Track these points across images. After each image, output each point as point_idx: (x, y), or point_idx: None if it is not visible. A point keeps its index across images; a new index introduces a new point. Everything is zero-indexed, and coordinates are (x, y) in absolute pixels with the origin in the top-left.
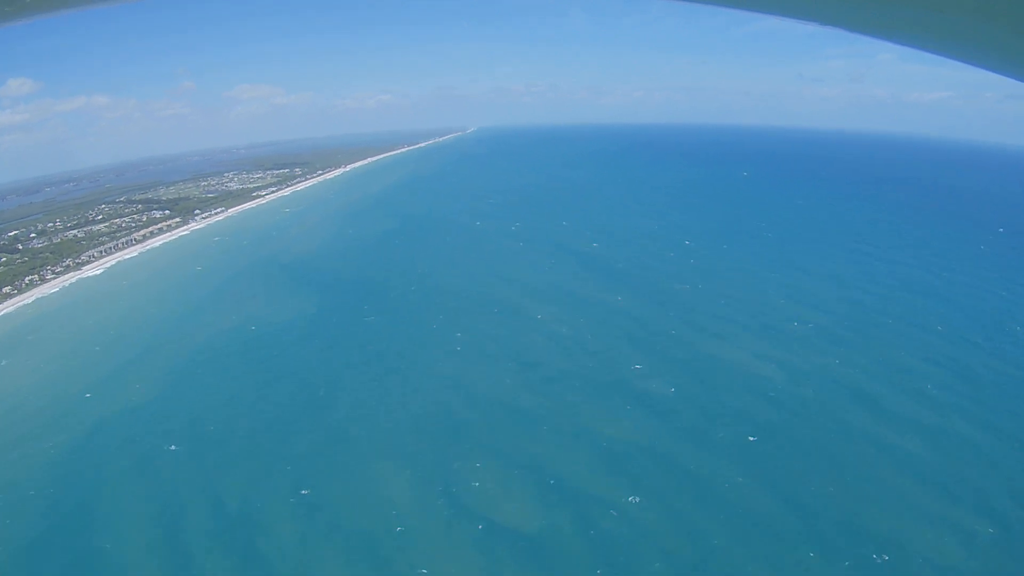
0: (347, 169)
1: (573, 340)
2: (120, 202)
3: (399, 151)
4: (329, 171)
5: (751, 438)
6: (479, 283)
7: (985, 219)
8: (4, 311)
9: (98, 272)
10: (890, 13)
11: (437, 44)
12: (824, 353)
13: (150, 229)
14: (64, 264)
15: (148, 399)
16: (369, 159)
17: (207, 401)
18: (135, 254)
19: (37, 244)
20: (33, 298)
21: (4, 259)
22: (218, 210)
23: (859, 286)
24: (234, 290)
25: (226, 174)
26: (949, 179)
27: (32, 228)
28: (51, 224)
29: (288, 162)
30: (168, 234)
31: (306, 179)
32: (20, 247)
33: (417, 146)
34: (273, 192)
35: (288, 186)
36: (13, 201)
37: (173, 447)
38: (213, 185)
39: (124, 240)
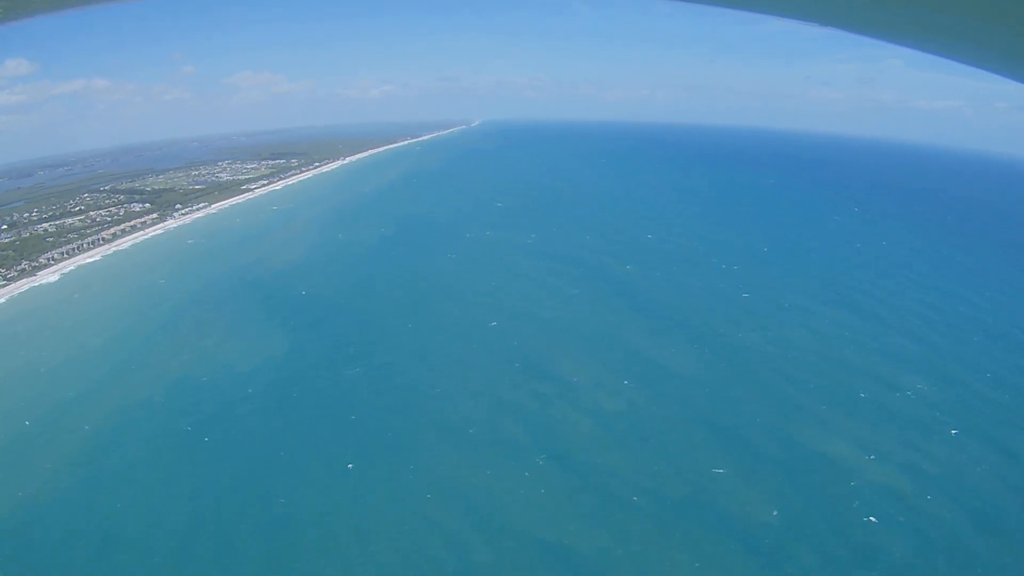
0: (345, 162)
1: (624, 420)
2: (104, 191)
3: (401, 143)
4: (326, 163)
5: None
6: (494, 320)
7: None
8: None
9: (53, 279)
10: (891, 14)
11: (440, 34)
12: (942, 442)
13: (122, 227)
14: (20, 267)
15: (53, 492)
16: (369, 151)
17: (124, 500)
18: (98, 258)
19: (3, 239)
20: None
21: None
22: (200, 205)
23: (943, 337)
24: (194, 315)
25: (219, 163)
26: (978, 193)
27: (6, 218)
28: (27, 214)
29: (285, 152)
30: (141, 233)
31: (301, 172)
32: None
33: (420, 139)
34: (264, 186)
35: (281, 179)
36: (2, 185)
37: None
38: (203, 175)
39: (92, 239)
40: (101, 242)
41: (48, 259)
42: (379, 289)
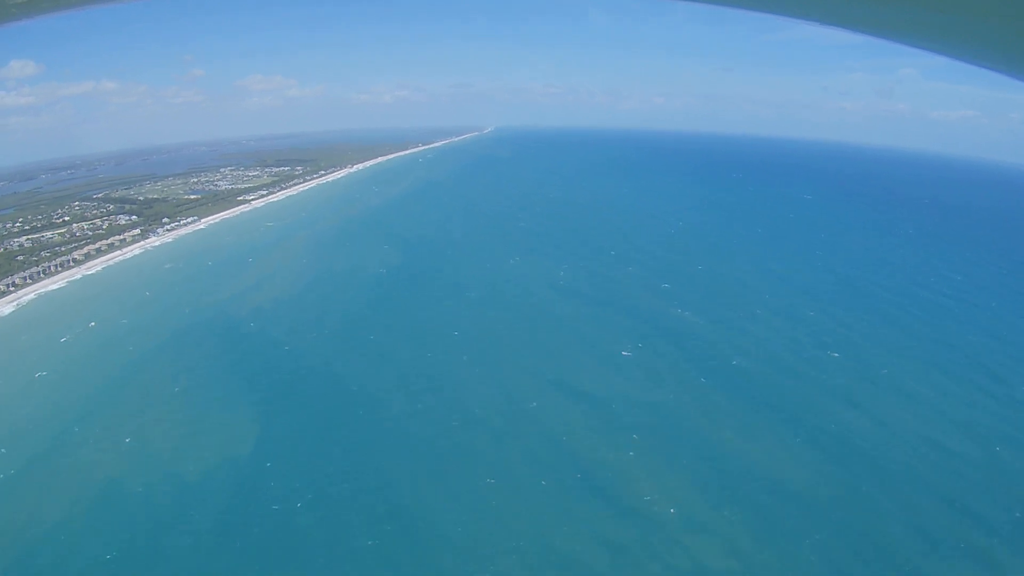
0: (353, 170)
1: None
2: (96, 199)
3: (413, 150)
4: (333, 171)
5: None
6: (533, 398)
7: None
8: None
9: (5, 312)
10: (898, 14)
11: (454, 40)
12: None
13: (98, 245)
14: None
15: None
16: (379, 158)
17: None
18: (63, 283)
19: None
20: None
21: None
22: (190, 219)
23: None
24: (149, 376)
25: (222, 170)
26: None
27: None
28: (10, 224)
29: (292, 158)
30: (118, 253)
31: (305, 181)
32: None
33: (432, 145)
34: (263, 196)
35: (282, 189)
36: (2, 189)
37: None
38: (202, 183)
39: (61, 260)
40: (71, 263)
41: (8, 284)
42: (381, 345)
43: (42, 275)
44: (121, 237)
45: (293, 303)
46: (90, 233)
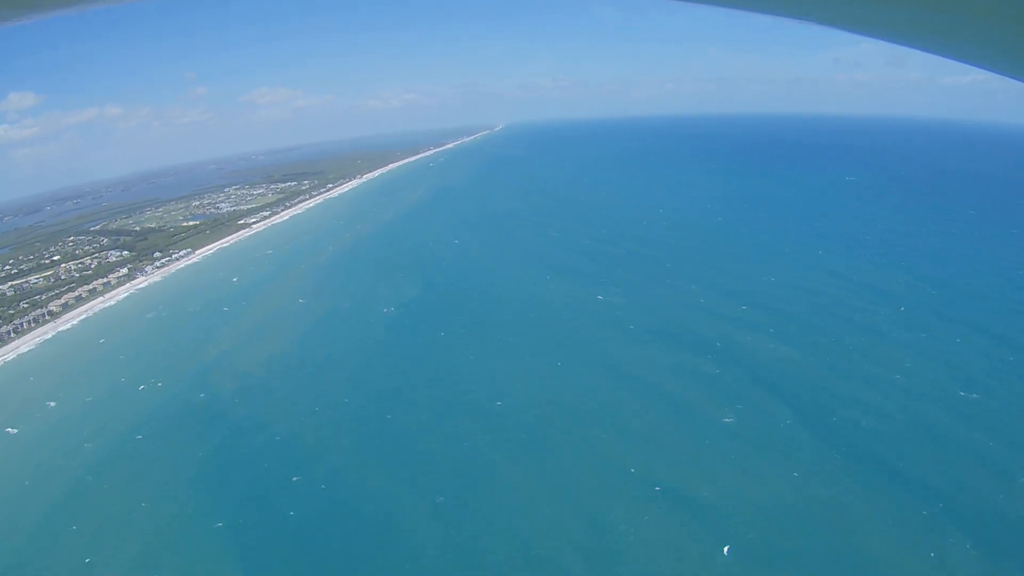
0: (363, 180)
1: None
2: (93, 232)
3: (425, 154)
4: (341, 183)
5: None
6: (617, 520)
7: None
8: None
9: None
10: (893, 13)
11: (460, 41)
12: None
13: (78, 292)
14: None
15: None
16: (391, 165)
17: None
18: (34, 345)
19: None
20: None
21: None
22: (183, 252)
23: None
24: (101, 493)
25: (226, 190)
26: None
27: None
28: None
29: (299, 172)
30: (99, 300)
31: (312, 196)
32: None
33: (444, 147)
34: (265, 219)
35: (287, 207)
36: (6, 224)
37: None
38: (204, 206)
39: (37, 314)
40: (47, 317)
41: None
42: (398, 428)
43: (12, 335)
44: (106, 280)
45: (286, 364)
46: (76, 275)
